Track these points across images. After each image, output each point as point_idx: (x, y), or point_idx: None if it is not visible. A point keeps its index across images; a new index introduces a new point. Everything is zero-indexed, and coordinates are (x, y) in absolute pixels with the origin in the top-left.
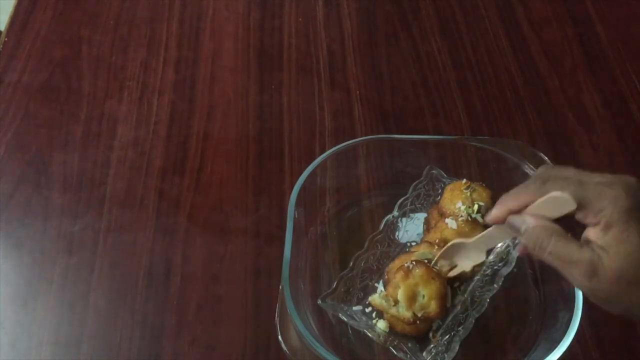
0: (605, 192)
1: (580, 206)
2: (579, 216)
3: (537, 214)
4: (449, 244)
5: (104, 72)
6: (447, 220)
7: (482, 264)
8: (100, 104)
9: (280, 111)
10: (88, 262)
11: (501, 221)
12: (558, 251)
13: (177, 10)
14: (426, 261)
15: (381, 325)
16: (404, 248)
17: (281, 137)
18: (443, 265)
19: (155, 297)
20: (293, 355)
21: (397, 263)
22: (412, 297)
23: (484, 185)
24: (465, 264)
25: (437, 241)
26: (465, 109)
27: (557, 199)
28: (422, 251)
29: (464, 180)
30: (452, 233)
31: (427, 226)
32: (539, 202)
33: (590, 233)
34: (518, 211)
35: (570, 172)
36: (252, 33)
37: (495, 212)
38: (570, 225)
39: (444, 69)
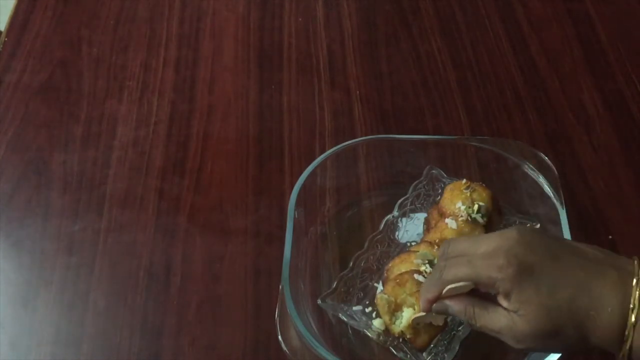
0: (491, 265)
1: (478, 283)
2: (482, 290)
3: (452, 295)
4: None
5: (104, 72)
6: (447, 220)
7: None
8: (100, 104)
9: (280, 111)
10: (88, 262)
11: (429, 311)
12: (484, 325)
13: (177, 10)
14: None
15: (377, 323)
16: (404, 248)
17: (281, 137)
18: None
19: (155, 297)
20: (293, 355)
21: (396, 261)
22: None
23: (484, 185)
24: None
25: (437, 241)
26: (465, 109)
27: (457, 287)
28: (422, 251)
29: (464, 180)
30: (452, 233)
31: (427, 226)
32: (446, 291)
33: (500, 300)
34: (438, 298)
35: (461, 247)
36: (252, 33)
37: (422, 306)
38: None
39: (444, 69)
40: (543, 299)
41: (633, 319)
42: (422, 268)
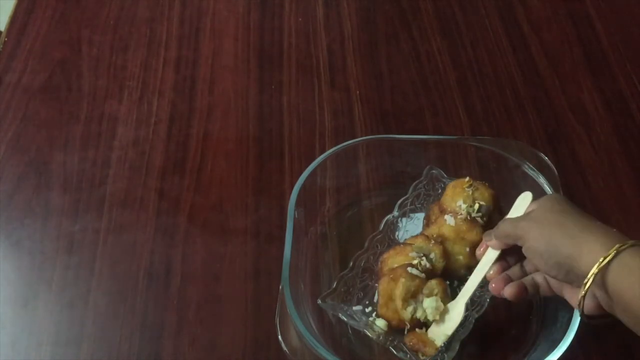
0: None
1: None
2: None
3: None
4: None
5: (104, 72)
6: (445, 216)
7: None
8: (100, 104)
9: (280, 111)
10: (88, 262)
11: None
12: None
13: (177, 10)
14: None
15: (380, 323)
16: None
17: (281, 137)
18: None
19: (155, 297)
20: (293, 355)
21: (391, 253)
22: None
23: (487, 184)
24: (448, 328)
25: (434, 236)
26: (465, 109)
27: (523, 198)
28: (418, 244)
29: (467, 179)
30: (450, 229)
31: (427, 221)
32: (514, 205)
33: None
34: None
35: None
36: (252, 33)
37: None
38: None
39: (444, 69)
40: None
41: (596, 269)
42: (417, 261)
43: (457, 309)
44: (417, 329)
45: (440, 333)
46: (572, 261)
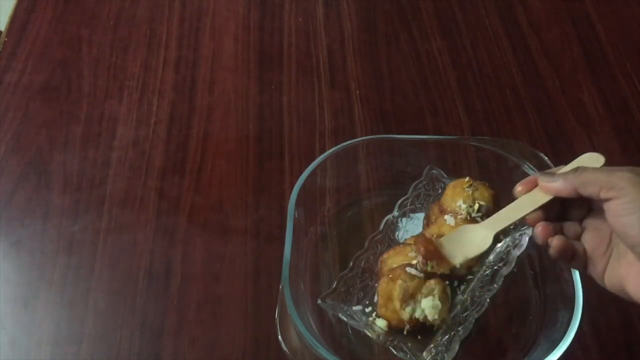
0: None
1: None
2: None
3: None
4: (459, 229)
5: (104, 72)
6: (445, 216)
7: (485, 253)
8: (100, 104)
9: (280, 111)
10: (88, 262)
11: (533, 184)
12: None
13: (177, 10)
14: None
15: (380, 323)
16: None
17: (281, 137)
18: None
19: (155, 297)
20: (293, 355)
21: (391, 253)
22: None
23: (487, 184)
24: (469, 250)
25: (434, 236)
26: (465, 109)
27: (591, 157)
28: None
29: (467, 179)
30: (450, 229)
31: (427, 221)
32: (575, 162)
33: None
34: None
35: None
36: (252, 33)
37: (529, 178)
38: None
39: (444, 69)
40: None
41: None
42: (416, 261)
43: (485, 236)
44: (432, 239)
45: (459, 253)
46: None
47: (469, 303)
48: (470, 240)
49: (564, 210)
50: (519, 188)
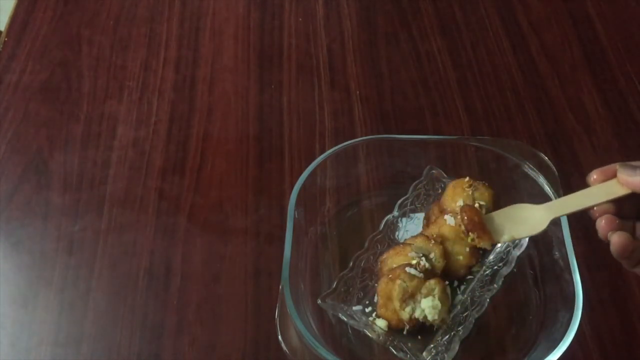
0: None
1: None
2: None
3: None
4: (514, 206)
5: (104, 72)
6: (445, 216)
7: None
8: (100, 104)
9: (280, 111)
10: (88, 262)
11: (612, 174)
12: None
13: (177, 10)
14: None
15: (380, 323)
16: None
17: (281, 137)
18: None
19: (155, 297)
20: (293, 355)
21: (391, 253)
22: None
23: (487, 184)
24: (519, 230)
25: (434, 236)
26: (465, 109)
27: None
28: (418, 244)
29: (467, 178)
30: (450, 229)
31: (427, 221)
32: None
33: None
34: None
35: None
36: (252, 33)
37: (605, 167)
38: None
39: (444, 69)
40: None
41: None
42: (416, 261)
43: (541, 218)
44: (478, 207)
45: (508, 230)
46: None
47: (469, 303)
48: (524, 220)
49: None
50: (594, 176)
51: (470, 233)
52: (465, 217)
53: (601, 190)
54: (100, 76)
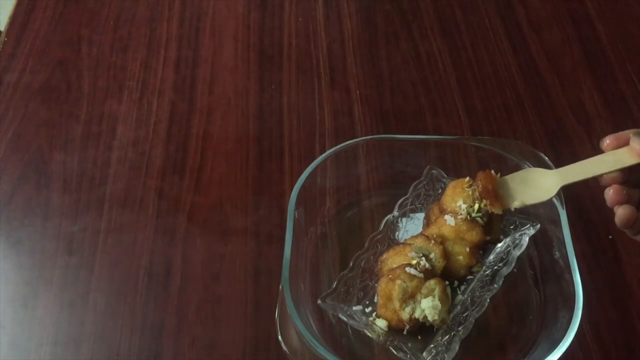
0: None
1: None
2: None
3: None
4: (527, 169)
5: (104, 72)
6: (445, 216)
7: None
8: (100, 104)
9: (280, 111)
10: (88, 262)
11: (624, 141)
12: None
13: (177, 10)
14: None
15: (380, 323)
16: None
17: (281, 137)
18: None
19: (155, 297)
20: (293, 355)
21: (391, 253)
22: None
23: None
24: (530, 196)
25: (434, 236)
26: (465, 108)
27: None
28: (418, 244)
29: (467, 179)
30: (450, 230)
31: (427, 221)
32: None
33: None
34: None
35: None
36: (252, 33)
37: (619, 134)
38: None
39: (444, 69)
40: None
41: None
42: (416, 261)
43: (551, 185)
44: (492, 173)
45: (519, 196)
46: None
47: (469, 303)
48: (534, 185)
49: None
50: (607, 141)
51: (483, 199)
52: (480, 185)
53: (611, 158)
54: (100, 76)
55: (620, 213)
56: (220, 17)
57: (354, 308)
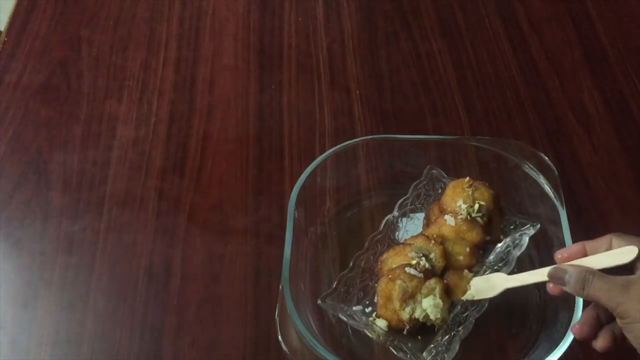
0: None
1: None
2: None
3: (595, 259)
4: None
5: (104, 72)
6: (445, 216)
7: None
8: (100, 104)
9: (280, 111)
10: (88, 262)
11: (578, 255)
12: (601, 286)
13: (177, 10)
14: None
15: (380, 323)
16: None
17: (281, 137)
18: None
19: (155, 297)
20: (293, 355)
21: (391, 253)
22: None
23: (487, 184)
24: (482, 293)
25: (434, 236)
26: (465, 109)
27: (624, 252)
28: (418, 244)
29: (467, 179)
30: (450, 230)
31: (427, 221)
32: (611, 252)
33: None
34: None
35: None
36: (252, 33)
37: (573, 248)
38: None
39: (444, 69)
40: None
41: None
42: (416, 261)
43: (496, 285)
44: (465, 271)
45: (470, 290)
46: None
47: (469, 303)
48: (490, 284)
49: None
50: (558, 256)
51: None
52: (448, 280)
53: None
54: (100, 76)
55: (602, 346)
56: (220, 17)
57: (354, 308)
